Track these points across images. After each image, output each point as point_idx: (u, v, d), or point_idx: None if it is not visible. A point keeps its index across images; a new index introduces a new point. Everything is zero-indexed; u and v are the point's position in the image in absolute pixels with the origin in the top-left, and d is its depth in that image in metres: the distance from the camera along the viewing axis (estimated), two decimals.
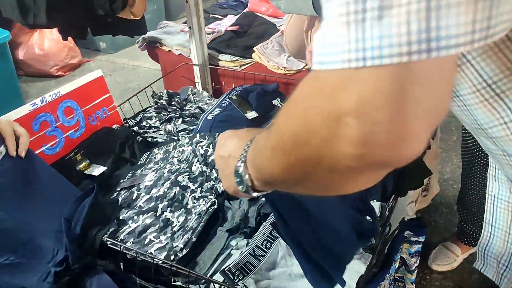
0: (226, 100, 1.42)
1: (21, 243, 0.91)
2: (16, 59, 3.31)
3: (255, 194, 0.59)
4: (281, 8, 1.01)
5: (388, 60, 0.31)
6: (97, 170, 1.21)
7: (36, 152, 1.18)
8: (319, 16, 1.44)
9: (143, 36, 2.05)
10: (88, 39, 3.93)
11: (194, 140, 1.25)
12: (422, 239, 1.07)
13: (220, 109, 1.36)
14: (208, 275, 0.89)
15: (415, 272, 1.15)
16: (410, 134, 0.33)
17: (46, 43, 3.48)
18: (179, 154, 1.23)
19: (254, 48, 1.82)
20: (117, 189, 1.14)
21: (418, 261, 1.12)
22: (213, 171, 1.15)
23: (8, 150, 0.95)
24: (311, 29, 1.50)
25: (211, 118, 1.32)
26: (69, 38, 3.55)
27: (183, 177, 1.11)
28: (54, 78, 3.57)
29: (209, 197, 1.07)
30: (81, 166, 1.22)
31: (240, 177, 0.57)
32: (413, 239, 1.07)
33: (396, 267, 1.10)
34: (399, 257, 1.08)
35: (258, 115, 1.37)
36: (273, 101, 1.47)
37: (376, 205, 1.04)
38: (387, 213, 1.04)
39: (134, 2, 1.56)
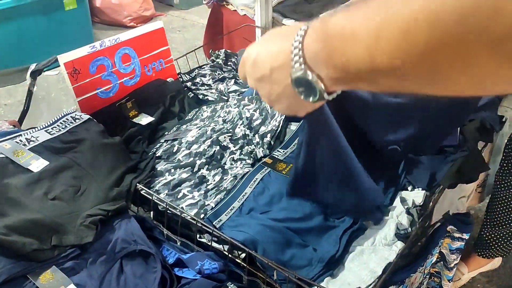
0: None
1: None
2: (93, 6, 3.43)
3: (330, 97, 0.48)
4: None
5: None
6: (145, 119, 1.23)
7: (90, 94, 1.23)
8: None
9: None
10: None
11: (242, 102, 1.23)
12: (466, 236, 1.00)
13: None
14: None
15: (454, 269, 1.08)
16: None
17: None
18: (225, 115, 1.21)
19: (320, 16, 1.74)
20: (161, 141, 1.15)
21: (458, 259, 1.05)
22: (256, 135, 1.14)
23: None
24: None
25: None
26: None
27: (224, 137, 1.10)
28: (126, 28, 3.67)
29: (247, 161, 1.06)
30: (130, 113, 1.25)
31: (306, 84, 0.46)
32: (456, 235, 1.00)
33: (433, 261, 1.04)
34: (437, 251, 1.02)
35: None
36: None
37: (421, 193, 0.97)
38: (431, 203, 0.97)
39: None
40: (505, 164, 1.31)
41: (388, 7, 0.36)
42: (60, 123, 1.07)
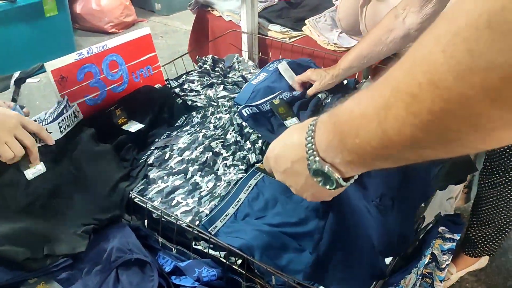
0: (274, 64, 1.40)
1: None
2: (73, 13, 3.38)
3: (348, 184, 0.52)
4: None
5: None
6: (134, 126, 1.22)
7: (78, 102, 1.21)
8: None
9: None
10: (144, 0, 3.97)
11: (233, 109, 1.23)
12: (457, 236, 1.01)
13: (266, 74, 1.34)
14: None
15: (446, 270, 1.10)
16: None
17: None
18: (216, 120, 1.21)
19: (306, 21, 1.76)
20: (151, 148, 1.14)
21: (450, 259, 1.07)
22: (247, 142, 1.14)
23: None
24: (367, 5, 1.44)
25: (254, 83, 1.30)
26: None
27: (216, 143, 1.10)
28: (107, 34, 3.63)
29: (240, 166, 1.06)
30: (119, 120, 1.23)
31: (323, 175, 0.50)
32: (448, 235, 1.02)
33: (425, 262, 1.05)
34: (430, 252, 1.03)
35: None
36: None
37: None
38: (422, 205, 0.99)
39: None
40: (488, 164, 1.34)
41: (391, 81, 0.40)
42: (66, 118, 1.04)
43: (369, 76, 1.51)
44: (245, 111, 1.17)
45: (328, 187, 0.51)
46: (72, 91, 1.19)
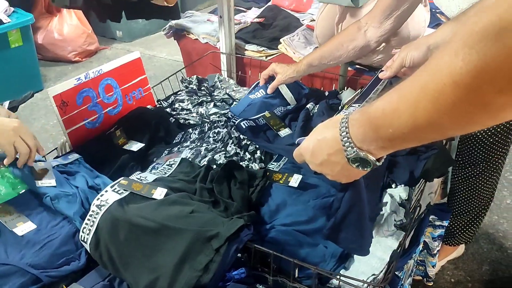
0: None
1: None
2: (36, 43, 3.35)
3: (380, 163, 0.64)
4: None
5: None
6: (135, 146, 1.27)
7: (78, 125, 1.25)
8: (351, 10, 1.50)
9: (170, 24, 2.11)
10: (104, 28, 3.99)
11: (229, 123, 1.31)
12: (445, 223, 1.13)
13: (265, 93, 1.43)
14: None
15: (437, 255, 1.21)
16: None
17: (65, 28, 3.53)
18: (215, 135, 1.28)
19: (281, 40, 1.87)
20: (156, 166, 1.19)
21: (440, 245, 1.18)
22: (246, 153, 1.21)
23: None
24: (342, 22, 1.56)
25: (251, 98, 1.40)
26: (88, 24, 3.59)
27: (219, 155, 1.17)
28: (71, 63, 3.62)
29: None
30: (119, 141, 1.28)
31: (360, 160, 0.62)
32: (437, 223, 1.13)
33: (420, 250, 1.15)
34: (423, 239, 1.14)
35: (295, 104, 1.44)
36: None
37: (405, 189, 1.09)
38: (413, 197, 1.10)
39: None
40: (460, 159, 1.48)
41: (418, 83, 0.51)
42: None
43: (345, 87, 1.63)
44: (243, 124, 1.25)
45: (365, 169, 0.63)
46: (72, 115, 1.23)
